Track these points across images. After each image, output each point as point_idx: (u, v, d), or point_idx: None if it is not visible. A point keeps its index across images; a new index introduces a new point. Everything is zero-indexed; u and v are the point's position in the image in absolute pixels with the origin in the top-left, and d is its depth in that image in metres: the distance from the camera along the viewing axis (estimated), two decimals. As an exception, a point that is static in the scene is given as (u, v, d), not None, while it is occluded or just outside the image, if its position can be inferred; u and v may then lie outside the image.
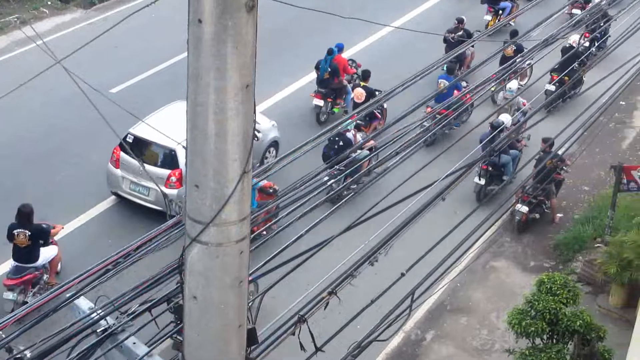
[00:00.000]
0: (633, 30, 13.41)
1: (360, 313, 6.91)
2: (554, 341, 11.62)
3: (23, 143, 17.80)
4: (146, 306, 5.78)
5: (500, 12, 24.99)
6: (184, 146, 4.55)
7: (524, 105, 18.34)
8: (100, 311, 5.69)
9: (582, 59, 18.39)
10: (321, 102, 19.68)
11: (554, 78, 19.95)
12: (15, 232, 13.24)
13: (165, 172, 15.51)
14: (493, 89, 17.87)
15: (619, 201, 15.93)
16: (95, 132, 16.46)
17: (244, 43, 4.10)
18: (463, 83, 19.31)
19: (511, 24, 22.97)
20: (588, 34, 22.03)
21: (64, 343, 5.56)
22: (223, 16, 4.00)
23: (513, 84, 19.65)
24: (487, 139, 15.63)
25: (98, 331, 5.59)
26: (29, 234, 13.21)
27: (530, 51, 12.05)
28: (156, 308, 5.85)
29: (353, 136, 17.11)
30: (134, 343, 5.58)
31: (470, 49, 21.53)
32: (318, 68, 19.94)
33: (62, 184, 16.70)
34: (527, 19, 19.92)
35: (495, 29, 15.66)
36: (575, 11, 23.73)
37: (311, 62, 20.41)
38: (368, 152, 15.39)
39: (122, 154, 15.87)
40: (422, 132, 9.51)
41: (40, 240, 13.40)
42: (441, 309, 14.89)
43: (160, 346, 5.71)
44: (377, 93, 18.33)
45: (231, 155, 4.31)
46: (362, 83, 19.40)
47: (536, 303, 11.48)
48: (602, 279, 14.72)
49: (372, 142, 15.83)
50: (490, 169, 17.26)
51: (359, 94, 19.01)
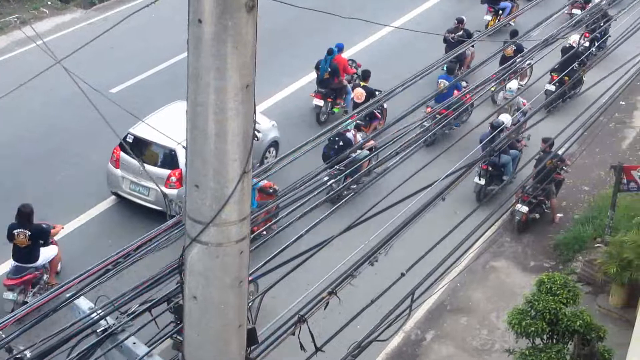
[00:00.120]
0: (633, 30, 13.41)
1: (360, 313, 6.90)
2: (554, 341, 11.62)
3: (23, 143, 17.79)
4: (146, 306, 5.79)
5: (500, 12, 24.98)
6: (184, 146, 4.55)
7: (524, 105, 18.33)
8: (100, 311, 5.70)
9: (582, 59, 18.39)
10: (321, 102, 19.67)
11: (554, 78, 19.95)
12: (15, 232, 13.22)
13: (165, 172, 15.51)
14: (493, 89, 17.87)
15: (619, 201, 15.93)
16: (95, 132, 16.46)
17: (244, 43, 4.10)
18: (463, 83, 19.31)
19: (511, 24, 22.98)
20: (588, 34, 22.03)
21: (64, 343, 5.56)
22: (223, 16, 4.00)
23: (513, 84, 19.62)
24: (487, 139, 15.62)
25: (98, 331, 5.60)
26: (29, 234, 13.20)
27: (530, 51, 12.04)
28: (156, 308, 5.86)
29: (353, 136, 17.11)
30: (134, 343, 5.58)
31: (470, 49, 21.54)
32: (318, 68, 19.92)
33: (62, 184, 16.69)
34: (528, 19, 19.92)
35: (495, 29, 15.66)
36: (575, 11, 23.71)
37: (311, 62, 20.40)
38: (368, 152, 15.39)
39: (122, 154, 15.86)
40: (422, 132, 9.51)
41: (40, 240, 13.39)
42: (441, 309, 14.89)
43: (160, 346, 5.71)
44: (377, 93, 18.33)
45: (231, 155, 4.31)
46: (362, 83, 19.39)
47: (536, 303, 11.47)
48: (602, 279, 14.72)
49: (372, 142, 15.84)
50: (490, 169, 17.24)
51: (359, 94, 19.00)
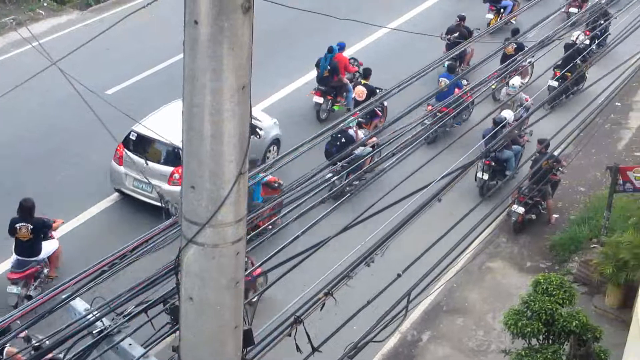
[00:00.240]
0: (632, 28, 13.43)
1: (356, 314, 6.90)
2: (550, 342, 11.63)
3: (22, 143, 17.78)
4: (142, 307, 5.78)
5: (502, 11, 25.23)
6: None
7: (527, 100, 18.42)
8: (96, 312, 5.69)
9: (585, 56, 18.46)
10: (321, 100, 19.84)
11: (557, 74, 19.97)
12: (17, 226, 13.35)
13: (168, 170, 15.54)
14: (494, 87, 17.95)
15: (615, 202, 15.96)
16: (94, 133, 16.42)
17: (240, 44, 4.10)
18: (464, 81, 19.37)
19: (512, 23, 23.07)
20: (588, 32, 22.11)
21: (60, 344, 5.56)
22: (219, 17, 4.00)
23: (516, 80, 19.83)
24: (490, 135, 15.70)
25: (94, 332, 5.59)
26: (31, 228, 13.34)
27: (529, 50, 12.10)
28: (152, 309, 5.85)
29: (355, 133, 17.32)
30: (130, 344, 5.58)
31: (470, 46, 21.61)
32: (318, 66, 20.12)
33: (62, 184, 16.68)
34: (528, 18, 20.00)
35: (496, 28, 15.73)
36: (572, 10, 23.92)
37: (311, 62, 20.53)
38: (371, 149, 15.50)
39: (126, 152, 15.99)
40: (423, 130, 9.55)
41: (42, 233, 13.55)
42: (437, 310, 14.90)
43: (156, 347, 5.71)
44: (378, 91, 18.61)
45: (227, 156, 4.31)
46: (363, 81, 19.62)
47: (532, 304, 11.49)
48: (598, 280, 14.74)
49: (375, 139, 15.93)
50: (493, 164, 17.41)
51: (360, 92, 19.24)
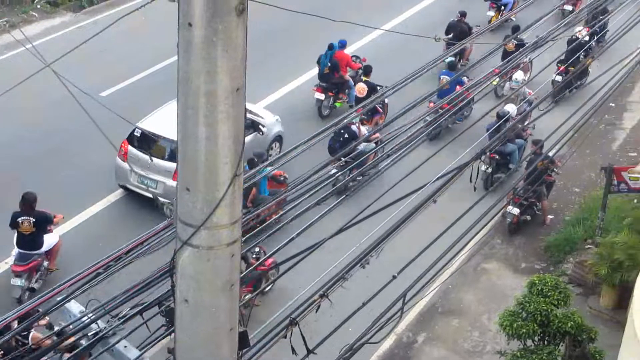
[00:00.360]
0: (631, 24, 13.46)
1: (351, 316, 6.91)
2: (545, 343, 11.64)
3: (22, 143, 17.77)
4: (137, 309, 5.78)
5: (502, 8, 25.40)
6: None
7: (530, 94, 18.49)
8: (91, 314, 5.69)
9: (587, 50, 18.54)
10: (322, 96, 20.03)
11: (560, 69, 20.00)
12: (19, 220, 13.50)
13: (172, 166, 15.53)
14: (495, 83, 18.07)
15: (610, 202, 15.97)
16: (92, 133, 16.37)
17: (234, 46, 4.10)
18: (465, 78, 19.43)
19: (512, 20, 23.16)
20: (588, 29, 22.20)
21: (56, 346, 5.55)
22: (213, 20, 4.00)
23: (519, 75, 19.99)
24: (493, 128, 15.81)
25: (89, 335, 5.59)
26: (34, 221, 13.49)
27: (526, 48, 12.17)
28: (147, 311, 5.85)
29: (357, 129, 17.47)
30: (125, 346, 5.57)
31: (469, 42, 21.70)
32: (319, 63, 20.30)
33: (62, 184, 16.66)
34: (525, 16, 20.15)
35: (497, 25, 15.83)
36: (567, 7, 24.14)
37: (313, 59, 20.68)
38: (374, 145, 15.56)
39: (130, 148, 16.15)
40: (425, 126, 9.59)
41: (44, 227, 13.69)
42: (432, 311, 14.90)
43: (151, 350, 5.70)
44: (379, 88, 18.79)
45: (222, 158, 4.31)
46: (364, 78, 19.79)
47: (527, 305, 11.50)
48: (593, 281, 14.75)
49: (378, 135, 15.99)
50: (497, 157, 17.59)
51: (361, 89, 19.46)
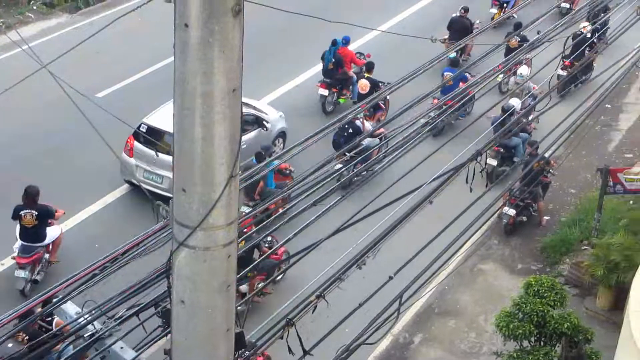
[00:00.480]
0: (631, 22, 13.50)
1: (348, 316, 6.91)
2: (542, 344, 11.65)
3: (21, 143, 17.75)
4: (134, 310, 5.78)
5: (505, 5, 25.54)
6: None
7: (534, 89, 18.57)
8: (87, 316, 5.68)
9: (591, 45, 18.62)
10: (326, 92, 20.10)
11: (566, 63, 20.03)
12: (22, 214, 13.67)
13: None
14: (499, 79, 18.23)
15: (606, 204, 15.99)
16: (91, 134, 16.35)
17: (231, 47, 4.10)
18: (467, 75, 19.48)
19: (514, 17, 23.23)
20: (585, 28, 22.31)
21: (52, 347, 5.54)
22: (209, 21, 4.00)
23: (524, 70, 20.09)
24: (498, 122, 16.00)
25: (85, 336, 5.58)
26: (36, 214, 13.66)
27: (529, 44, 12.25)
28: (144, 312, 5.84)
29: (362, 124, 17.58)
30: (122, 347, 5.57)
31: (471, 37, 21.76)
32: (323, 59, 20.40)
33: (62, 184, 16.63)
34: (526, 13, 20.34)
35: (498, 22, 15.91)
36: (564, 5, 24.41)
37: (316, 56, 20.78)
38: (379, 141, 15.59)
39: (136, 143, 16.25)
40: (423, 126, 9.62)
41: (46, 220, 13.87)
42: (429, 312, 14.90)
43: (148, 351, 5.70)
44: (381, 84, 18.96)
45: (218, 159, 4.31)
46: (367, 74, 19.90)
47: (524, 306, 11.50)
48: (589, 282, 14.77)
49: (382, 130, 16.02)
50: (502, 151, 17.77)
51: (364, 85, 19.61)
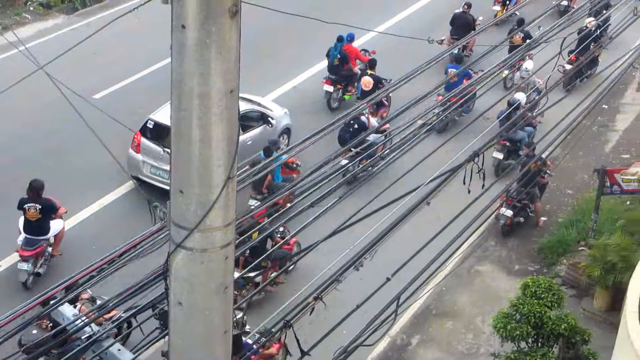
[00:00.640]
0: (630, 20, 13.53)
1: (345, 318, 6.91)
2: (539, 345, 11.66)
3: (20, 144, 17.74)
4: (131, 312, 5.77)
5: (507, 3, 25.68)
6: None
7: (539, 84, 18.63)
8: (84, 317, 5.67)
9: (595, 40, 18.72)
10: (331, 88, 20.23)
11: (573, 58, 20.10)
12: (26, 207, 13.86)
13: None
14: (504, 75, 18.31)
15: (603, 204, 16.01)
16: (89, 134, 16.34)
17: (228, 48, 4.10)
18: (470, 71, 19.52)
19: (517, 14, 23.32)
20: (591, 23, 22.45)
21: (49, 349, 5.53)
22: (206, 22, 3.99)
23: (529, 64, 20.22)
24: (504, 115, 16.21)
25: (82, 338, 5.57)
26: (40, 208, 13.86)
27: (532, 41, 12.29)
28: (141, 314, 5.83)
29: (367, 119, 17.69)
30: (119, 349, 5.56)
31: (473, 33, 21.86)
32: (329, 55, 20.47)
33: (62, 184, 16.61)
34: (529, 11, 20.40)
35: (501, 19, 15.99)
36: (563, 3, 24.91)
37: (321, 53, 20.85)
38: (384, 137, 15.64)
39: (143, 139, 16.43)
40: (433, 118, 9.68)
41: (50, 214, 14.06)
42: (427, 314, 14.90)
43: (145, 352, 5.69)
44: (384, 81, 19.06)
45: (215, 161, 4.30)
46: (370, 71, 19.95)
47: (521, 307, 11.51)
48: (587, 282, 14.78)
49: (388, 126, 16.07)
50: (508, 144, 18.00)
51: (367, 82, 19.65)
